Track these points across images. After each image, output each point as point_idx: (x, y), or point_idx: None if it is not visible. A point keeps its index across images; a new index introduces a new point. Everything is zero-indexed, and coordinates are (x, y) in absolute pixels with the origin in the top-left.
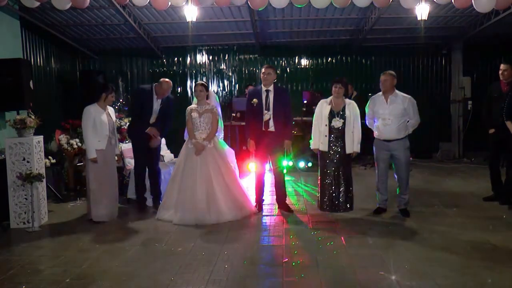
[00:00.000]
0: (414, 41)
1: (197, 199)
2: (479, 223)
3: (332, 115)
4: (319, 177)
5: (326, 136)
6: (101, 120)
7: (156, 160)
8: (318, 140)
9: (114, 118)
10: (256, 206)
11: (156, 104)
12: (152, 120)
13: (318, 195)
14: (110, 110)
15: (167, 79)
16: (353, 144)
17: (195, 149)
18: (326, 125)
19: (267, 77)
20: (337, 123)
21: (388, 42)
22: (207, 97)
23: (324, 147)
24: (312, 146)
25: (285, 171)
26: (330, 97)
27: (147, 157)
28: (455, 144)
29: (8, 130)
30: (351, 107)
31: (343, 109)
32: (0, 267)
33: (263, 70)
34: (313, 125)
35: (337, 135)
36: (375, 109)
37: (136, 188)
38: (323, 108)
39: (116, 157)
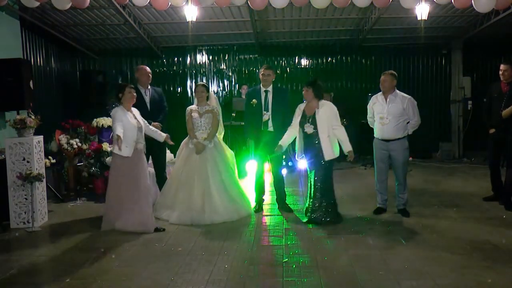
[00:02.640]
0: (414, 41)
1: (193, 199)
2: (479, 223)
3: (303, 120)
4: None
5: (302, 141)
6: (129, 122)
7: (163, 167)
8: (298, 145)
9: (140, 120)
10: (256, 206)
11: (146, 97)
12: (147, 114)
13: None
14: (135, 111)
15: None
16: (337, 146)
17: (196, 148)
18: (300, 130)
19: (267, 78)
20: (308, 128)
21: (388, 42)
22: (207, 98)
23: (301, 153)
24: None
25: (284, 171)
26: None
27: (154, 164)
28: (455, 144)
29: (8, 130)
30: (324, 110)
31: (315, 113)
32: (0, 267)
33: (262, 71)
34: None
35: (311, 141)
36: (374, 108)
37: None
38: (296, 113)
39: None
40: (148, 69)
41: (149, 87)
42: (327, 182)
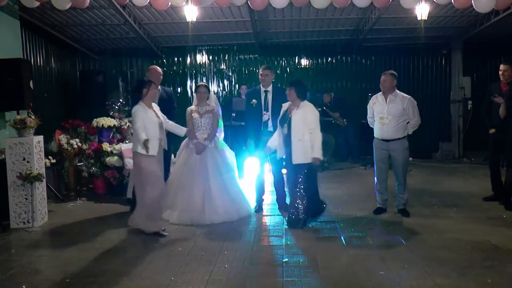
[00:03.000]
0: (414, 41)
1: (193, 199)
2: (479, 223)
3: (283, 119)
4: None
5: (281, 141)
6: (151, 120)
7: (167, 168)
8: (278, 144)
9: (160, 115)
10: (256, 206)
11: (156, 99)
12: None
13: None
14: (155, 107)
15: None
16: (310, 151)
17: (196, 149)
18: (280, 129)
19: (265, 78)
20: (285, 129)
21: (388, 42)
22: (207, 98)
23: (281, 153)
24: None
25: (284, 171)
26: None
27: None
28: (455, 144)
29: (8, 130)
30: (301, 112)
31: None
32: (0, 267)
33: (260, 71)
34: None
35: (287, 142)
36: (374, 108)
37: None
38: (281, 111)
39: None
40: (159, 69)
41: (159, 87)
42: (296, 187)
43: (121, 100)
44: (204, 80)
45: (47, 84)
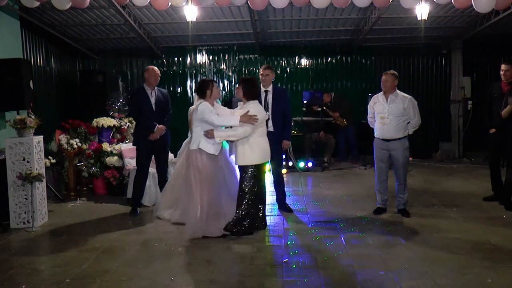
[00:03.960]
0: (414, 41)
1: None
2: (479, 223)
3: None
4: None
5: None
6: None
7: (166, 168)
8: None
9: None
10: None
11: (152, 98)
12: (152, 115)
13: None
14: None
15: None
16: (251, 153)
17: None
18: None
19: (266, 78)
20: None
21: (388, 42)
22: None
23: (231, 152)
24: None
25: (284, 171)
26: None
27: (157, 165)
28: (455, 144)
29: (8, 130)
30: (242, 112)
31: None
32: (0, 267)
33: (261, 71)
34: None
35: (233, 143)
36: (375, 108)
37: (134, 193)
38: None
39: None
40: (157, 70)
41: (155, 88)
42: (241, 189)
43: (121, 100)
44: None
45: (47, 84)
